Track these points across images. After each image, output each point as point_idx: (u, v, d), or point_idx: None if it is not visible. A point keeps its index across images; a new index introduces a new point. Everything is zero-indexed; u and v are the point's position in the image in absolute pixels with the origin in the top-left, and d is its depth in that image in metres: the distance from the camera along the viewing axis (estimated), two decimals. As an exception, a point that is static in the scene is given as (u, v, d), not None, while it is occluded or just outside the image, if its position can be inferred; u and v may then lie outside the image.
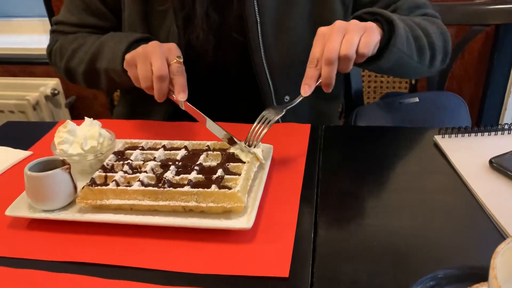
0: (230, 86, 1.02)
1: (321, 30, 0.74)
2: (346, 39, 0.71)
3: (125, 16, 0.97)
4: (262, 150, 0.74)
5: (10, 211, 0.64)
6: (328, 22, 0.75)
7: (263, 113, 0.75)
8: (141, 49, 0.79)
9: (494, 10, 1.30)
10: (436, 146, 0.81)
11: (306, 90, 0.73)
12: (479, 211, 0.64)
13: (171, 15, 0.92)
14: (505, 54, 1.61)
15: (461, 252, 0.57)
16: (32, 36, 2.13)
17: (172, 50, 0.80)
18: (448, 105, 1.26)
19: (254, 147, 0.73)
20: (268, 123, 0.73)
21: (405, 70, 0.92)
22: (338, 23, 0.73)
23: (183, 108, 0.77)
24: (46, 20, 2.00)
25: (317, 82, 0.73)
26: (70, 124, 0.74)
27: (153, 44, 0.79)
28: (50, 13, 1.95)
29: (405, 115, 1.15)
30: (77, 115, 2.12)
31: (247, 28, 0.92)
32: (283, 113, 0.75)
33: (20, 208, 0.66)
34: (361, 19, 0.81)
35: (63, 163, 0.67)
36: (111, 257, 0.58)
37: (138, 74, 0.78)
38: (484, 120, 1.75)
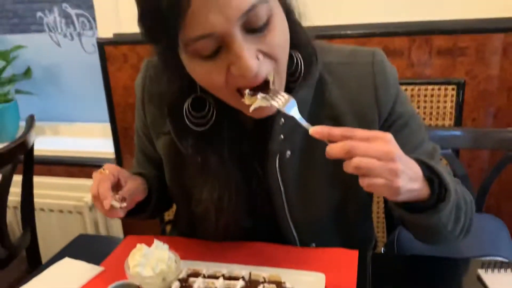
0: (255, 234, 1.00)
1: (389, 138, 0.69)
2: (392, 166, 0.67)
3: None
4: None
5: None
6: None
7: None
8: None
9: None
10: (479, 279, 0.84)
11: (318, 132, 0.68)
12: None
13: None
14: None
15: None
16: (91, 140, 2.27)
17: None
18: (488, 228, 1.29)
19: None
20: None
21: (428, 238, 0.91)
22: (401, 154, 0.69)
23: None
24: (107, 125, 2.09)
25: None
26: (144, 248, 0.83)
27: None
28: (112, 118, 2.05)
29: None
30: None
31: (272, 196, 0.92)
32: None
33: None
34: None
35: (139, 288, 0.75)
36: None
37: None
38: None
